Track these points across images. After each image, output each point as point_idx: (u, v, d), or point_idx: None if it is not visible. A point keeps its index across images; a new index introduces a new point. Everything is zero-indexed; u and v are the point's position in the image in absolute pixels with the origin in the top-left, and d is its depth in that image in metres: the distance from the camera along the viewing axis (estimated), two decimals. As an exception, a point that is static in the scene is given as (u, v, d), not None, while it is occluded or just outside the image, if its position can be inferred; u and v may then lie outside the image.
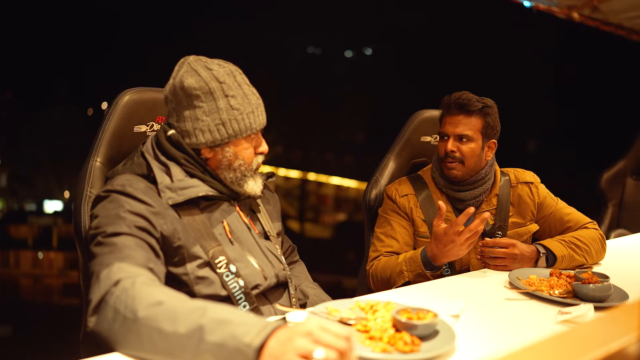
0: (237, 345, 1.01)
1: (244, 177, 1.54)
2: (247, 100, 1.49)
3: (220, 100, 1.45)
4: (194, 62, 1.48)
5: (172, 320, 1.08)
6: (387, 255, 2.10)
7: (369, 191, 2.40)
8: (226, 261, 1.46)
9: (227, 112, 1.46)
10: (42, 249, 9.76)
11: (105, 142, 1.67)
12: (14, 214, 10.21)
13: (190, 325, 1.06)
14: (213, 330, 1.04)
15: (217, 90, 1.45)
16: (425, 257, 1.90)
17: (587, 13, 3.60)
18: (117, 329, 1.14)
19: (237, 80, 1.49)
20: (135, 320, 1.11)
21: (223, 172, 1.52)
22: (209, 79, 1.45)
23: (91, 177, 1.63)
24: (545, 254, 1.98)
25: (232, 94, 1.47)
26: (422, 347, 1.21)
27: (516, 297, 1.66)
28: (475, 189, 2.13)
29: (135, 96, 1.71)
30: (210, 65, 1.47)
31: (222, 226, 1.52)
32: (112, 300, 1.16)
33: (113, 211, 1.36)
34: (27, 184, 10.39)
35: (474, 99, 2.08)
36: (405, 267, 1.94)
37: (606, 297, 1.60)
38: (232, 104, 1.46)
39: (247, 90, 1.50)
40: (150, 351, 1.10)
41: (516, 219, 2.18)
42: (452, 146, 2.08)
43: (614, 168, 3.84)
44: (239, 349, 1.00)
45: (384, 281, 2.02)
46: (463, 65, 8.30)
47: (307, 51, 11.89)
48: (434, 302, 1.54)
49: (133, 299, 1.14)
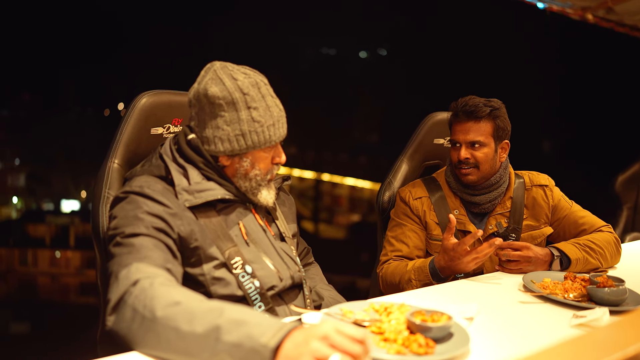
0: (254, 346, 1.02)
1: (259, 186, 1.56)
2: (270, 112, 1.50)
3: (243, 111, 1.46)
4: (219, 69, 1.49)
5: (190, 320, 1.09)
6: (397, 259, 2.10)
7: (382, 193, 2.40)
8: (242, 262, 1.47)
9: (248, 123, 1.47)
10: (60, 248, 9.86)
11: (123, 144, 1.69)
12: (32, 213, 10.32)
13: (208, 325, 1.07)
14: (230, 330, 1.05)
15: (240, 101, 1.46)
16: (434, 268, 1.91)
17: (602, 14, 3.57)
18: (135, 328, 1.15)
19: (262, 92, 1.50)
20: (153, 319, 1.13)
21: (239, 180, 1.54)
22: (233, 89, 1.46)
23: (109, 178, 1.65)
24: (559, 256, 1.97)
25: (255, 105, 1.47)
26: (437, 350, 1.21)
27: (530, 300, 1.66)
28: (490, 193, 2.12)
29: (152, 99, 1.73)
30: (235, 75, 1.48)
31: (238, 228, 1.53)
32: (131, 300, 1.18)
33: (131, 212, 1.38)
34: (44, 184, 10.51)
35: (481, 104, 2.06)
36: (414, 276, 1.95)
37: (621, 301, 1.59)
38: (253, 116, 1.47)
39: (270, 102, 1.51)
40: (167, 350, 1.11)
41: (530, 221, 2.17)
42: (466, 153, 2.07)
43: (629, 171, 3.81)
44: (256, 349, 1.02)
45: (393, 286, 2.03)
46: (477, 67, 8.26)
47: (321, 52, 11.89)
48: (448, 304, 1.54)
49: (151, 299, 1.15)
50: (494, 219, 2.13)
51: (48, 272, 9.52)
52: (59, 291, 9.03)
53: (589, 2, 3.40)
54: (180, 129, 1.75)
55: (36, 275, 9.34)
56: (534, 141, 8.62)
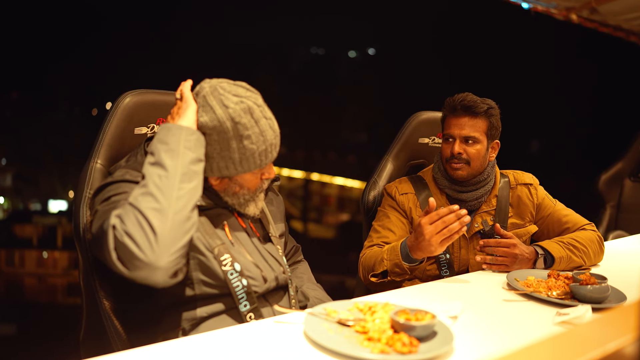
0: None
1: (247, 202, 1.55)
2: (262, 137, 1.46)
3: (233, 141, 1.43)
4: (210, 94, 1.44)
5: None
6: (381, 245, 2.09)
7: (367, 193, 2.40)
8: (231, 259, 1.47)
9: (239, 152, 1.44)
10: (47, 249, 9.80)
11: (106, 143, 1.67)
12: (18, 213, 10.25)
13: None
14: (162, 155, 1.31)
15: (232, 130, 1.42)
16: (405, 247, 1.87)
17: (586, 15, 3.59)
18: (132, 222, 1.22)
19: (254, 117, 1.44)
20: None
21: (226, 196, 1.53)
22: (224, 118, 1.41)
23: (91, 178, 1.63)
24: (543, 255, 1.98)
25: (247, 134, 1.43)
26: (420, 348, 1.21)
27: (514, 298, 1.66)
28: (477, 190, 2.13)
29: (136, 98, 1.71)
30: (226, 101, 1.42)
31: (222, 228, 1.52)
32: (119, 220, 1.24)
33: (113, 193, 1.38)
34: (31, 184, 10.44)
35: (478, 101, 2.08)
36: (386, 256, 1.91)
37: (604, 299, 1.60)
38: (245, 144, 1.43)
39: (263, 127, 1.46)
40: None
41: (515, 220, 2.19)
42: (459, 148, 2.08)
43: (612, 170, 3.84)
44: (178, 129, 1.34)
45: (368, 269, 1.99)
46: (466, 66, 8.30)
47: (310, 51, 11.88)
48: (432, 303, 1.54)
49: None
50: (479, 217, 2.14)
51: (35, 272, 9.45)
52: (45, 292, 8.98)
53: (573, 2, 3.42)
54: None
55: (23, 276, 9.29)
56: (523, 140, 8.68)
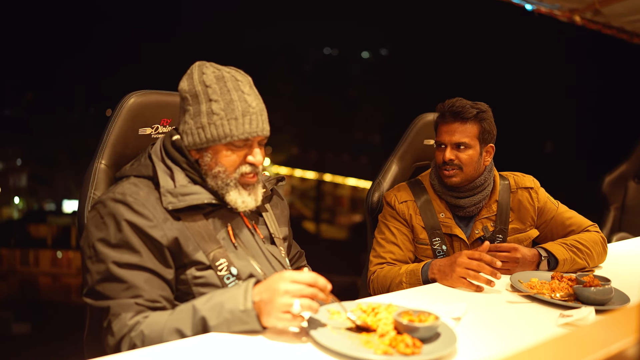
0: (238, 316, 1.27)
1: (226, 186, 1.49)
2: (232, 106, 1.45)
3: (203, 104, 1.45)
4: (196, 66, 1.50)
5: (179, 332, 1.29)
6: (392, 263, 2.09)
7: (372, 194, 2.40)
8: (227, 264, 1.46)
9: (207, 116, 1.45)
10: (61, 248, 9.90)
11: (110, 144, 1.68)
12: (33, 213, 10.36)
13: (194, 327, 1.29)
14: (211, 317, 1.28)
15: (202, 93, 1.46)
16: (426, 272, 1.90)
17: (589, 16, 3.55)
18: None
19: (228, 86, 1.46)
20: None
21: (208, 178, 1.50)
22: (197, 82, 1.46)
23: (95, 179, 1.64)
24: (546, 257, 1.97)
25: (216, 98, 1.45)
26: (424, 350, 1.21)
27: (518, 300, 1.66)
28: (474, 196, 2.11)
29: (140, 99, 1.72)
30: (205, 70, 1.48)
31: (226, 231, 1.51)
32: (129, 340, 1.33)
33: (112, 229, 1.39)
34: (46, 184, 10.56)
35: (467, 105, 2.05)
36: (405, 279, 1.94)
37: (607, 300, 1.60)
38: (213, 109, 1.45)
39: (236, 97, 1.46)
40: None
41: (516, 224, 2.16)
42: (450, 154, 2.06)
43: (616, 171, 3.81)
44: (240, 318, 1.27)
45: (382, 289, 2.02)
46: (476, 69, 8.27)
47: (323, 52, 11.90)
48: (435, 304, 1.54)
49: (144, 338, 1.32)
50: (480, 222, 2.12)
51: (49, 272, 9.55)
52: (60, 291, 9.08)
53: (576, 4, 3.38)
54: (169, 129, 1.74)
55: (37, 275, 9.39)
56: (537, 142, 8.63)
